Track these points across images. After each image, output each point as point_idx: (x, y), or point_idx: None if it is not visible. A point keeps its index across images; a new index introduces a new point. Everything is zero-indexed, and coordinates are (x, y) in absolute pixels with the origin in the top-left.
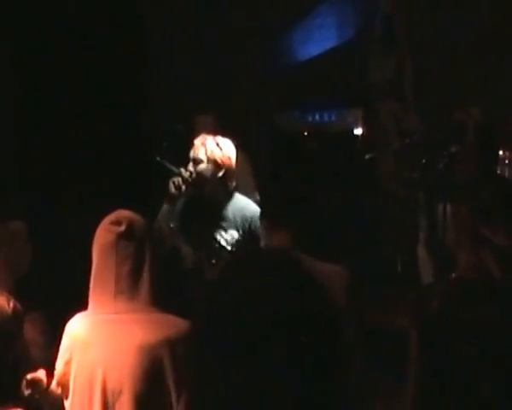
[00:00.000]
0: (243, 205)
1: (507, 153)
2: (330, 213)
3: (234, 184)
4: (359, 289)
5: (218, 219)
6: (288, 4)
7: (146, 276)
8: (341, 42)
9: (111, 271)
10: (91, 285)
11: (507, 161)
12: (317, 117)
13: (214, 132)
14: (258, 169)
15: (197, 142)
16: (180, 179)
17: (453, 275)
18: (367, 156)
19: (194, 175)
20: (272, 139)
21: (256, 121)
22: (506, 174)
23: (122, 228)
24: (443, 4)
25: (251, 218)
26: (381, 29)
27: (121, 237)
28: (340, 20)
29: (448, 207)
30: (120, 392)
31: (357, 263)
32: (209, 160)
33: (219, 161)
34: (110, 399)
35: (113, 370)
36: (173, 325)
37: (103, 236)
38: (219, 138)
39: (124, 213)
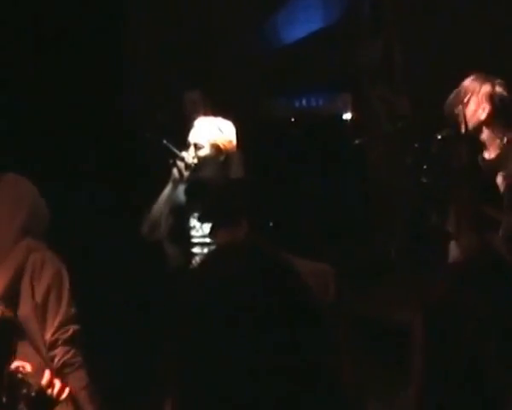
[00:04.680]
0: None
1: None
2: (318, 201)
3: (235, 169)
4: (345, 286)
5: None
6: None
7: None
8: (328, 23)
9: None
10: None
11: None
12: (304, 102)
13: (207, 113)
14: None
15: (197, 125)
16: (183, 165)
17: (456, 260)
18: (357, 142)
19: (195, 160)
20: (257, 126)
21: (241, 107)
22: None
23: None
24: None
25: None
26: (368, 11)
27: None
28: (327, 1)
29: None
30: None
31: (348, 254)
32: (210, 144)
33: (221, 146)
34: None
35: None
36: None
37: None
38: (219, 120)
39: None
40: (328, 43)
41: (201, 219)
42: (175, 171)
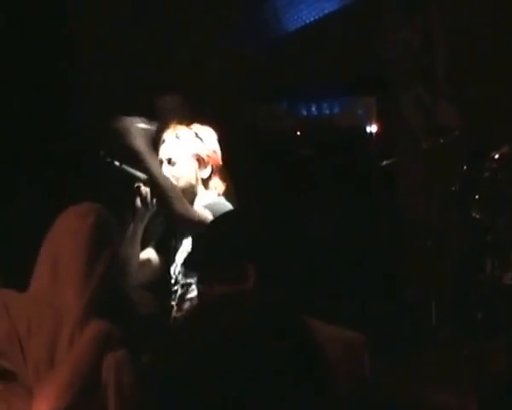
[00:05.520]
0: None
1: None
2: (333, 241)
3: (222, 187)
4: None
5: None
6: None
7: None
8: (344, 3)
9: None
10: None
11: None
12: (314, 109)
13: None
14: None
15: (167, 136)
16: (148, 189)
17: None
18: (385, 163)
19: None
20: (250, 141)
21: (228, 116)
22: None
23: None
24: None
25: None
26: None
27: None
28: None
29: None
30: None
31: (373, 314)
32: (190, 156)
33: (204, 157)
34: None
35: None
36: None
37: None
38: (197, 127)
39: None
40: (344, 31)
41: (188, 266)
42: (138, 201)
